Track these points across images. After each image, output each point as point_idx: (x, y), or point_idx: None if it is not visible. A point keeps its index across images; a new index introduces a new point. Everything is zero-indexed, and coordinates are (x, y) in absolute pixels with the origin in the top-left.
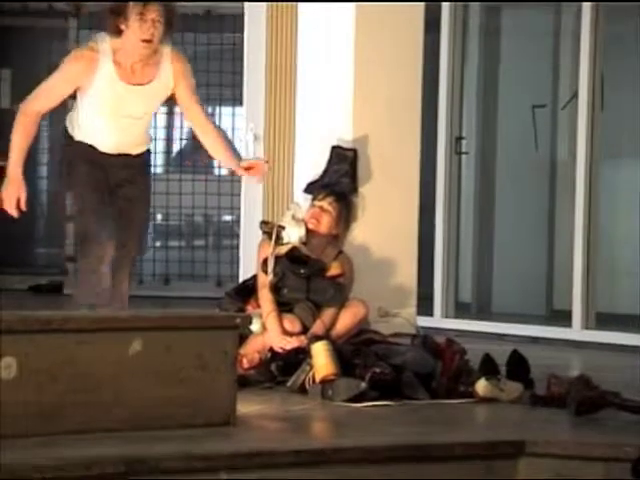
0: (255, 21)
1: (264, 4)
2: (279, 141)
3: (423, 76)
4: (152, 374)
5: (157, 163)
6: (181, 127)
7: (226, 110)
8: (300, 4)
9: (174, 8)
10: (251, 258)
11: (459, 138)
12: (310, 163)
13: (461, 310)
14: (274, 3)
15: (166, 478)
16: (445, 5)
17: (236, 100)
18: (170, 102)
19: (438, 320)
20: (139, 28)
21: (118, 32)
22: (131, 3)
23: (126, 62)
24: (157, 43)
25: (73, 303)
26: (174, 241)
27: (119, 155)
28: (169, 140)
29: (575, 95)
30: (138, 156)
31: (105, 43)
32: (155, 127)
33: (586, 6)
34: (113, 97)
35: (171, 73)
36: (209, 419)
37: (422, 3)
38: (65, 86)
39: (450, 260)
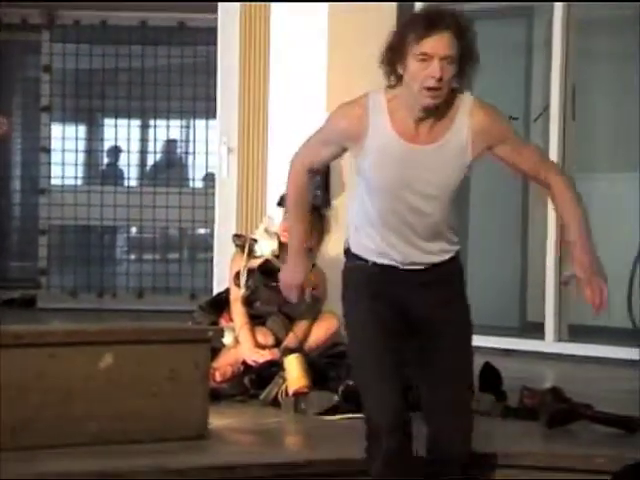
0: (228, 34)
1: (237, 18)
2: (252, 154)
3: None
4: (124, 387)
5: (131, 176)
6: (155, 140)
7: (200, 123)
8: (273, 17)
9: (471, 34)
10: (225, 271)
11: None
12: (283, 176)
13: None
14: (247, 17)
15: None
16: None
17: (210, 113)
18: (144, 114)
19: None
20: (420, 69)
21: (395, 77)
22: (411, 34)
23: (405, 118)
24: (447, 89)
25: None
26: (148, 254)
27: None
28: (143, 153)
29: (547, 107)
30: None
31: (378, 95)
32: (128, 139)
33: (557, 19)
34: (393, 163)
35: (469, 128)
36: (182, 433)
37: (394, 19)
38: (327, 149)
39: None
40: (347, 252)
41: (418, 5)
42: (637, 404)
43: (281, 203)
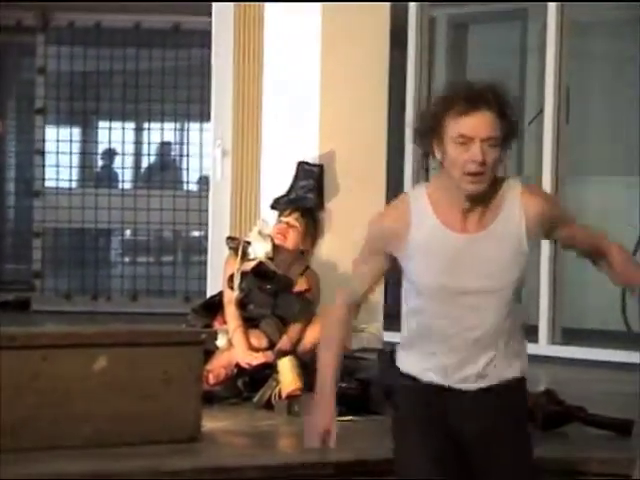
0: (222, 37)
1: (231, 21)
2: (246, 157)
3: (390, 92)
4: (118, 390)
5: (125, 179)
6: (149, 143)
7: (194, 126)
8: (267, 20)
9: (513, 109)
10: (219, 274)
11: (426, 154)
12: (277, 179)
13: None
14: (241, 20)
15: None
16: (412, 21)
17: (204, 116)
18: (138, 117)
19: None
20: (460, 154)
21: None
22: (447, 115)
23: (451, 207)
24: (492, 173)
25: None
26: (142, 257)
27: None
28: (137, 155)
29: (541, 111)
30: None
31: (418, 189)
32: (123, 142)
33: (551, 22)
34: (442, 257)
35: (522, 214)
36: (175, 435)
37: (388, 21)
38: (370, 265)
39: None
40: (395, 369)
41: (412, 5)
42: (630, 407)
43: (275, 206)
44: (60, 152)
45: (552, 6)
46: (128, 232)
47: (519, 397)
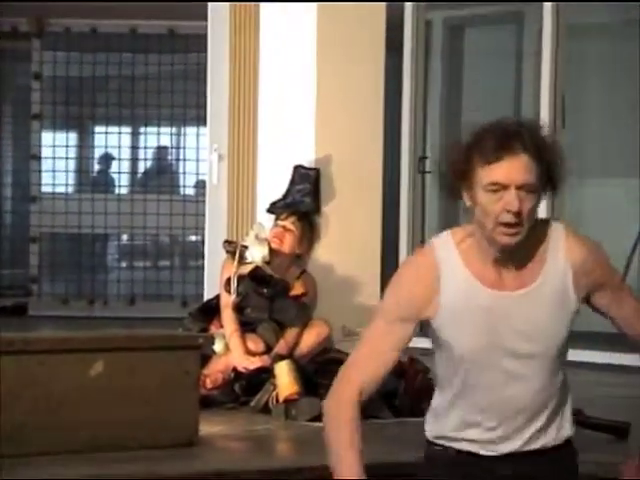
0: (218, 41)
1: (227, 25)
2: (242, 161)
3: (386, 95)
4: (115, 395)
5: (122, 183)
6: (145, 147)
7: (190, 130)
8: (262, 24)
9: (555, 150)
10: (216, 278)
11: (423, 157)
12: (273, 183)
13: (426, 328)
14: (237, 24)
15: None
16: (407, 24)
17: (200, 120)
18: (134, 122)
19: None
20: (492, 202)
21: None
22: (477, 158)
23: (483, 260)
24: (529, 223)
25: None
26: (139, 261)
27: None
28: (133, 160)
29: (537, 115)
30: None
31: (444, 238)
32: (119, 146)
33: (547, 25)
34: (476, 317)
35: (568, 266)
36: (172, 440)
37: (383, 24)
38: (391, 336)
39: None
40: (427, 439)
41: (408, 8)
42: (626, 409)
43: (271, 210)
44: (56, 157)
45: (548, 9)
46: (125, 237)
47: (569, 457)
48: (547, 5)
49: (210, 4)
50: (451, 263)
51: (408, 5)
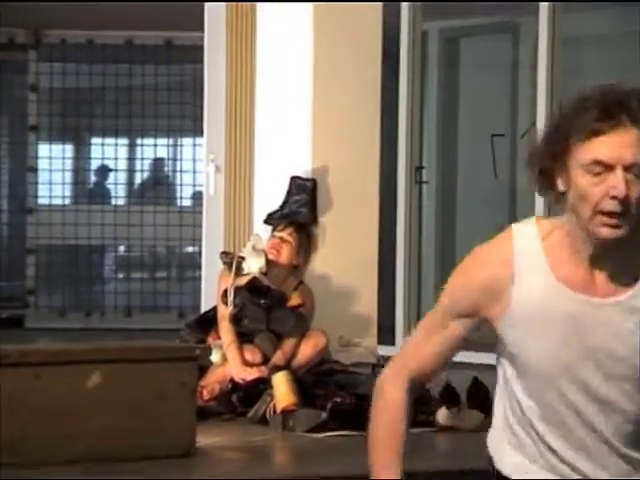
0: (215, 52)
1: (223, 36)
2: (239, 172)
3: (382, 106)
4: (112, 406)
5: (119, 195)
6: (142, 158)
7: (187, 141)
8: (259, 34)
9: None
10: (213, 289)
11: (419, 167)
12: (270, 193)
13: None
14: (233, 34)
15: None
16: (404, 35)
17: (197, 131)
18: (131, 133)
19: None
20: (592, 185)
21: (554, 195)
22: (576, 130)
23: (572, 258)
24: (637, 213)
25: None
26: (136, 273)
27: None
28: (130, 171)
29: (533, 124)
30: None
31: (527, 228)
32: (116, 158)
33: (542, 37)
34: (557, 327)
35: None
36: (169, 451)
37: (380, 35)
38: (460, 325)
39: (412, 289)
40: (492, 470)
41: (404, 19)
42: None
43: (268, 221)
44: (53, 169)
45: (544, 20)
46: (122, 248)
47: None
48: (543, 16)
49: (207, 16)
50: (532, 257)
51: (404, 16)
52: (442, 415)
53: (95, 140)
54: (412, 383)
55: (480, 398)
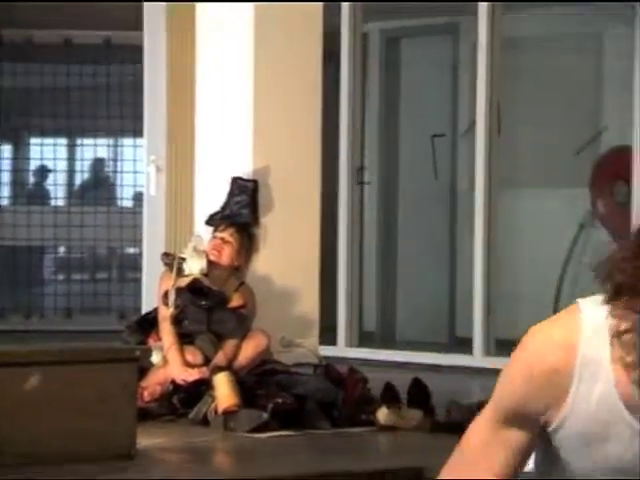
0: (154, 51)
1: (163, 35)
2: (180, 172)
3: (324, 107)
4: (51, 408)
5: (58, 195)
6: (82, 159)
7: (127, 142)
8: (199, 35)
9: None
10: (154, 291)
11: (360, 168)
12: (211, 194)
13: (365, 339)
14: (173, 34)
15: None
16: (344, 37)
17: (137, 132)
18: (71, 133)
19: (342, 349)
20: None
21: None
22: None
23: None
24: None
25: None
26: (76, 274)
27: None
28: (70, 172)
29: (473, 124)
30: None
31: (597, 313)
32: (55, 158)
33: (482, 38)
34: (604, 448)
35: None
36: (110, 452)
37: (320, 37)
38: (518, 434)
39: (354, 289)
40: None
41: (344, 21)
42: None
43: (209, 222)
44: None
45: (483, 20)
46: (61, 250)
47: None
48: (482, 17)
49: (146, 15)
50: (594, 355)
51: (345, 17)
52: (382, 414)
53: (34, 140)
54: None
55: (420, 397)
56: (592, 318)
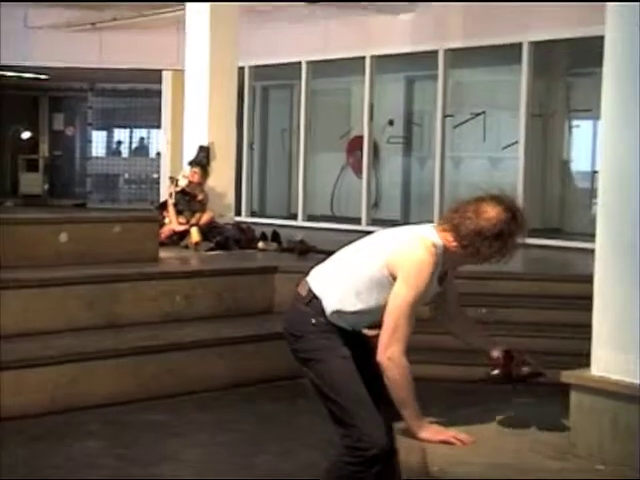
0: None
1: None
2: (176, 142)
3: (239, 122)
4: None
5: None
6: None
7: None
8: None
9: None
10: (165, 193)
11: (252, 143)
12: (189, 152)
13: (253, 213)
14: None
15: None
16: (246, 87)
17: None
18: None
19: (244, 218)
20: None
21: None
22: None
23: None
24: None
25: None
26: (131, 184)
27: None
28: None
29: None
30: None
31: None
32: None
33: (303, 90)
34: None
35: None
36: (145, 259)
37: (235, 86)
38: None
39: (248, 189)
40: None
41: (247, 80)
42: None
43: (190, 163)
44: None
45: (304, 80)
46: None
47: None
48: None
49: None
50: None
51: (247, 77)
52: (260, 244)
53: None
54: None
55: (276, 238)
56: (435, 237)
